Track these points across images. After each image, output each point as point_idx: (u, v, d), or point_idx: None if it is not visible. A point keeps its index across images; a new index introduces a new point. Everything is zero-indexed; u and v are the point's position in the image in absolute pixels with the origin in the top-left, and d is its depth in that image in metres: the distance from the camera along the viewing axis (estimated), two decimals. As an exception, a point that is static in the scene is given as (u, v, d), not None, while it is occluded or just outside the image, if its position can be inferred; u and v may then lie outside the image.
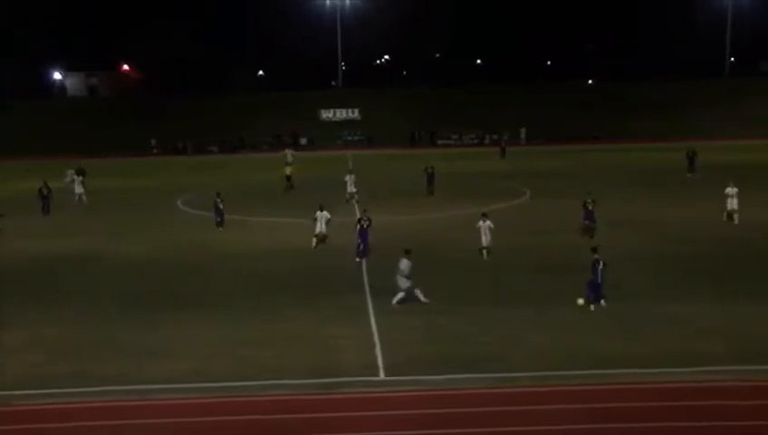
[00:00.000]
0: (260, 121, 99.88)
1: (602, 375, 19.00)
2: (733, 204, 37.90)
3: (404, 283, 25.21)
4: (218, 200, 40.11)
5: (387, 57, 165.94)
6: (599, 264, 24.15)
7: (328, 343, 21.94)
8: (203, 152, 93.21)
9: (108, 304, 26.32)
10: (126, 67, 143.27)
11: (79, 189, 51.45)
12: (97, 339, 22.69)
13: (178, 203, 50.40)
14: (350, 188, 48.31)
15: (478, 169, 67.05)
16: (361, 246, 31.98)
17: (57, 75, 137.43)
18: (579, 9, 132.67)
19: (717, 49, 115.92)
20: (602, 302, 24.17)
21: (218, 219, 39.88)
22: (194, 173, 70.76)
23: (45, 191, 46.95)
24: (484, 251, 31.62)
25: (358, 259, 31.55)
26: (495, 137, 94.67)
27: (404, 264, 25.18)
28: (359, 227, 32.41)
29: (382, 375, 19.53)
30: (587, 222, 35.17)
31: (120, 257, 34.09)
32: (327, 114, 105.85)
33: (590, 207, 35.13)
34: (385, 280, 27.77)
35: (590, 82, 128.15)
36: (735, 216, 37.70)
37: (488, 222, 31.71)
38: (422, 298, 25.24)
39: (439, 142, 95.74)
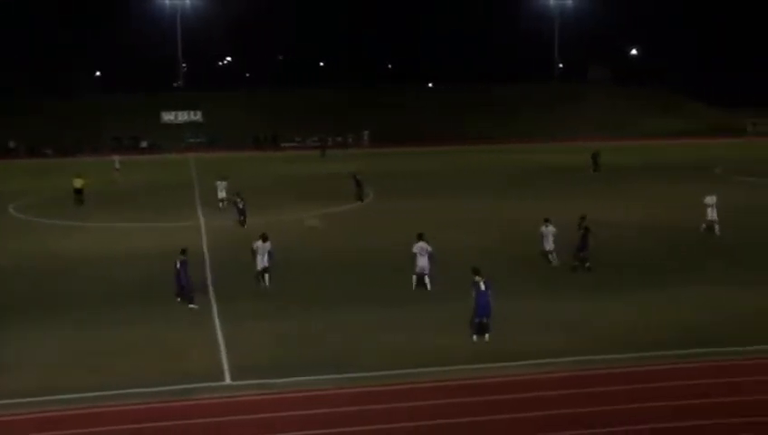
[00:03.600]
0: (99, 124, 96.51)
1: (450, 371, 19.64)
2: (712, 214, 35.41)
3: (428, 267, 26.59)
4: (238, 200, 40.50)
5: (229, 58, 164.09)
6: (477, 285, 21.67)
7: (173, 348, 21.70)
8: (37, 155, 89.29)
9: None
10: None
11: None
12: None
13: (11, 209, 48.18)
14: (221, 194, 46.12)
15: (320, 170, 67.37)
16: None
17: None
18: (417, 14, 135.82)
19: (549, 54, 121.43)
20: (486, 337, 21.70)
21: (241, 217, 40.16)
22: (26, 177, 67.71)
23: None
24: (550, 256, 30.15)
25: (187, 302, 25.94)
26: (340, 139, 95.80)
27: (427, 246, 26.64)
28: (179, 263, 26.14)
29: (228, 380, 19.52)
30: (582, 253, 29.35)
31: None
32: (168, 117, 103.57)
33: (585, 233, 29.40)
34: (229, 283, 27.70)
35: (429, 85, 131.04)
36: (716, 226, 35.37)
37: (551, 227, 30.08)
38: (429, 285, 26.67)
39: (283, 145, 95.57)
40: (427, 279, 26.83)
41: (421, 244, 26.81)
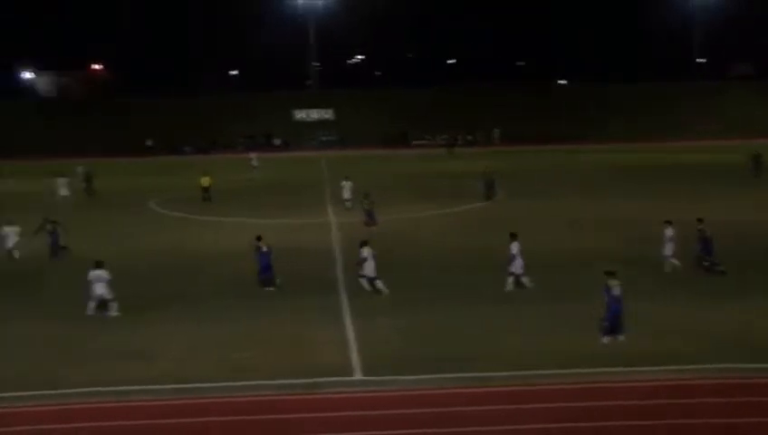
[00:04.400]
0: (233, 121, 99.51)
1: (575, 374, 19.19)
2: None
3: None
4: (365, 202, 40.13)
5: (360, 57, 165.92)
6: (610, 290, 21.11)
7: (304, 343, 22.02)
8: (176, 152, 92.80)
9: (85, 305, 26.11)
10: (96, 66, 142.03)
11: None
12: (74, 341, 22.62)
13: (152, 204, 50.19)
14: (346, 194, 45.85)
15: (449, 169, 67.35)
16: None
17: (27, 75, 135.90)
18: (553, 10, 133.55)
19: (688, 51, 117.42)
20: (620, 337, 21.15)
21: (368, 219, 39.76)
22: (165, 174, 70.40)
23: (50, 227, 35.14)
24: (671, 259, 28.47)
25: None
26: (470, 137, 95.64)
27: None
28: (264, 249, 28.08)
29: (358, 375, 19.68)
30: (709, 257, 27.95)
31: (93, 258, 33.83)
32: (300, 115, 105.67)
33: (707, 234, 27.95)
34: (359, 281, 27.91)
35: (561, 82, 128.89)
36: None
37: (670, 229, 28.32)
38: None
39: (413, 143, 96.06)
40: (524, 279, 26.64)
41: (517, 243, 26.63)
